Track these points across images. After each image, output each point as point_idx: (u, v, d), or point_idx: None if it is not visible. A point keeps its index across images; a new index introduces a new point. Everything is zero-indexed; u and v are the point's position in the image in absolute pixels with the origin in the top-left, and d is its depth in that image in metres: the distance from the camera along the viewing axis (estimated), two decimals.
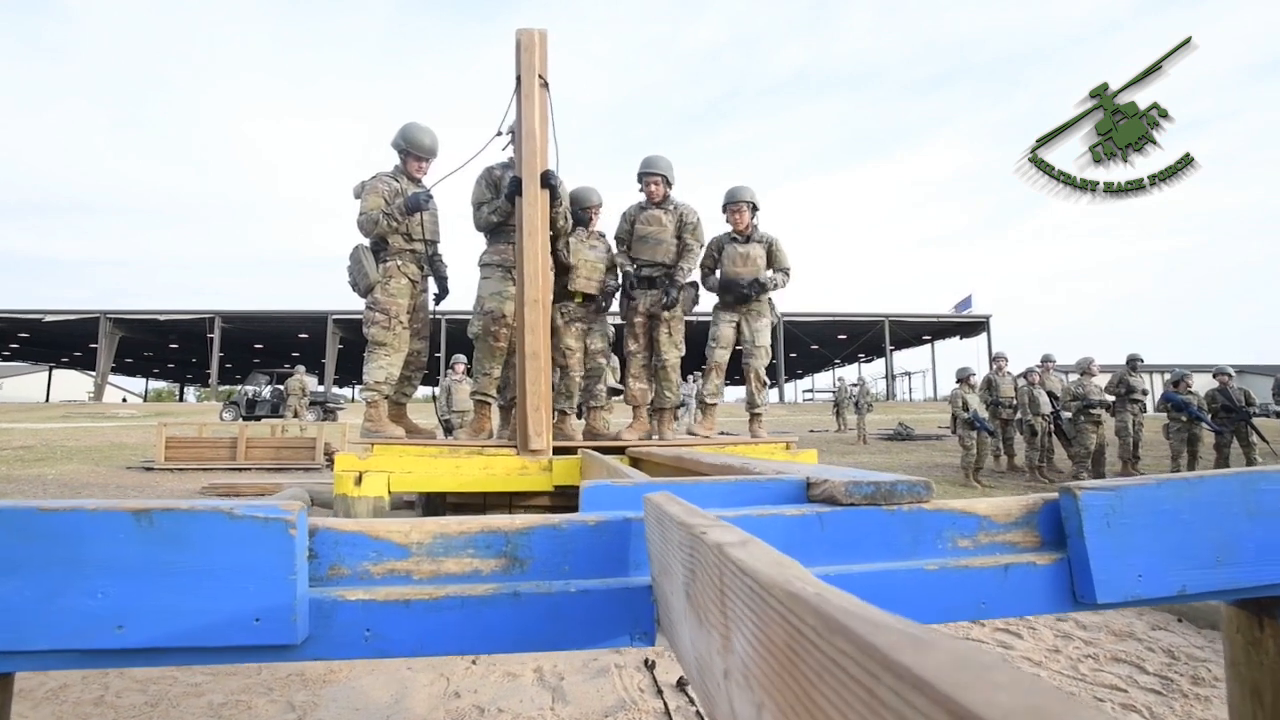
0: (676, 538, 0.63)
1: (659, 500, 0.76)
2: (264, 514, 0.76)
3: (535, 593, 0.82)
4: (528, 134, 2.82)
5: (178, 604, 0.74)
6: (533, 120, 2.80)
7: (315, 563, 0.84)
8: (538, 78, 2.76)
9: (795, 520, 0.94)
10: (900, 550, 0.96)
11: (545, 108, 2.88)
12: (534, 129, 2.83)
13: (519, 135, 2.89)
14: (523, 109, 2.84)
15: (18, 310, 28.28)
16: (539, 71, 2.77)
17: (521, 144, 2.85)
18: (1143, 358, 9.08)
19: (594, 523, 0.88)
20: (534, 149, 2.80)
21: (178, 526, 0.75)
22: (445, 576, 0.85)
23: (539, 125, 2.83)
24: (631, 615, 0.84)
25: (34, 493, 6.80)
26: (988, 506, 1.00)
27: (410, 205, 3.46)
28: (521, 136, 2.85)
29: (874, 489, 0.96)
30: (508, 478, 2.94)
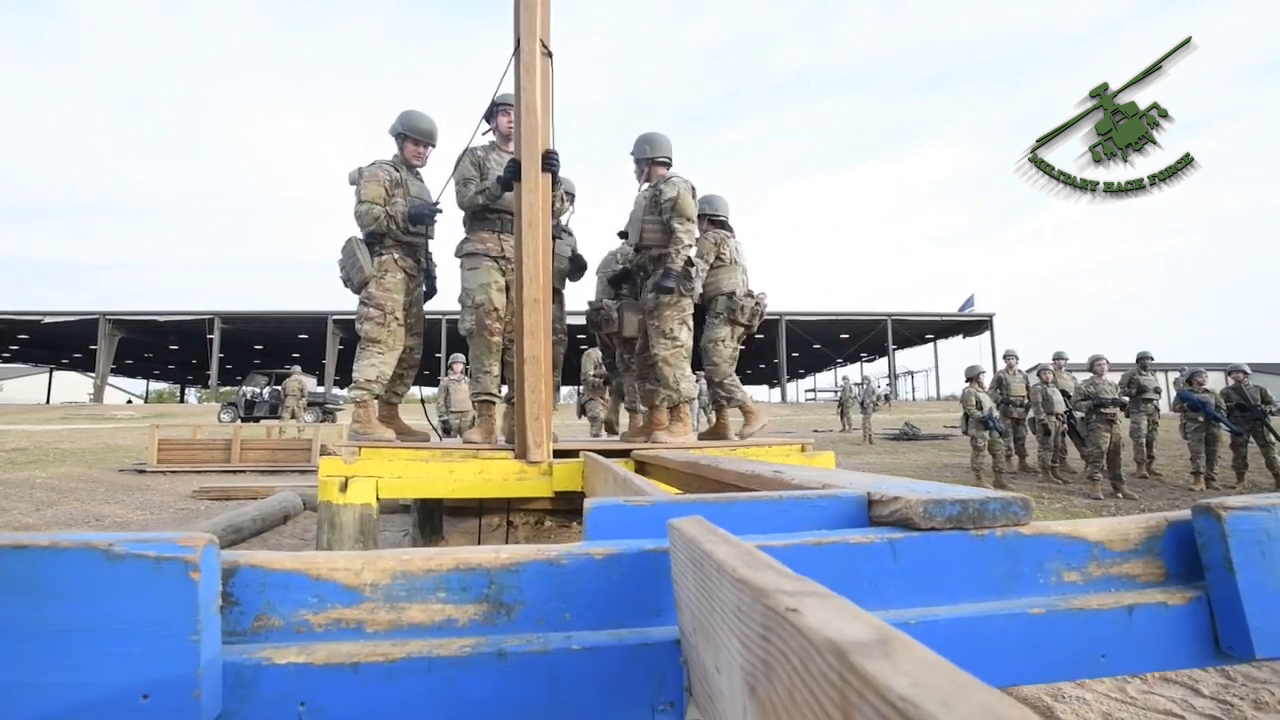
0: (730, 599, 0.42)
1: (694, 533, 0.55)
2: (155, 551, 0.56)
3: (527, 650, 0.62)
4: (527, 108, 2.46)
5: (31, 680, 0.54)
6: (533, 92, 2.44)
7: (235, 611, 0.63)
8: (539, 43, 2.42)
9: (860, 550, 0.73)
10: (994, 587, 0.76)
11: (548, 79, 2.56)
12: (534, 102, 2.44)
13: (517, 110, 2.54)
14: (522, 80, 2.47)
15: (16, 311, 28.13)
16: (540, 35, 2.42)
17: (521, 120, 2.50)
18: (1152, 356, 8.87)
19: (602, 556, 0.67)
20: (534, 126, 2.45)
21: (33, 571, 0.54)
22: (408, 629, 0.64)
23: (540, 98, 2.47)
24: (653, 679, 0.64)
25: (20, 497, 6.61)
26: (1099, 530, 0.79)
27: (415, 216, 3.27)
28: (520, 111, 2.50)
29: (959, 509, 0.76)
30: (505, 483, 2.73)
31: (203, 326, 28.85)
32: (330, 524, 2.68)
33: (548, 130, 2.58)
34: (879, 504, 0.82)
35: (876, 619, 0.30)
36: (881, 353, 37.23)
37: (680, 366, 3.44)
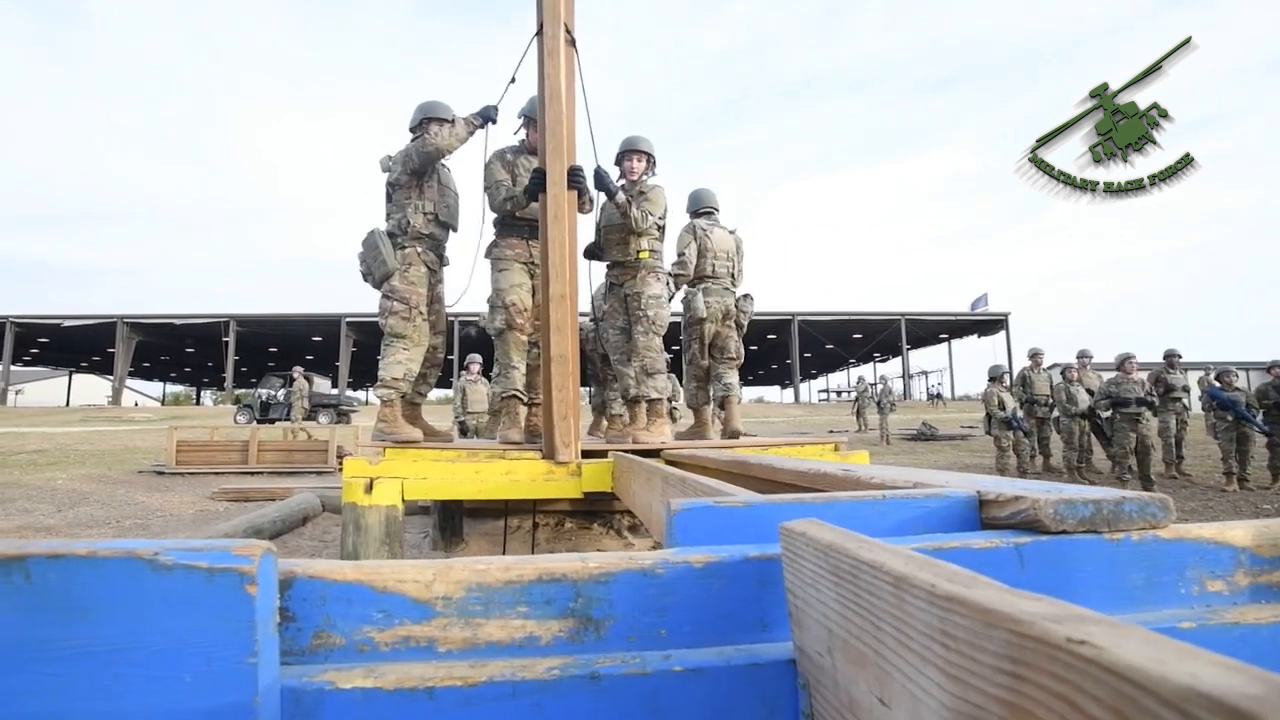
0: (925, 619, 0.34)
1: (831, 539, 0.47)
2: (207, 562, 0.48)
3: (623, 672, 0.54)
4: (552, 96, 2.33)
5: (68, 708, 0.47)
6: (558, 80, 2.31)
7: (292, 629, 0.56)
8: (564, 28, 2.31)
9: (984, 556, 0.65)
10: (1132, 597, 0.67)
11: (573, 67, 2.44)
12: (559, 90, 2.34)
13: (541, 99, 2.42)
14: (546, 66, 2.33)
15: (37, 315, 28.53)
16: (565, 21, 2.32)
17: (544, 109, 2.39)
18: (1180, 354, 8.65)
19: (702, 564, 0.60)
20: (559, 114, 2.35)
21: (70, 583, 0.47)
22: (486, 648, 0.56)
23: (565, 87, 2.35)
24: (765, 704, 0.56)
25: (42, 498, 6.63)
26: (1248, 534, 0.70)
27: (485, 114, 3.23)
28: (544, 99, 2.38)
29: (1093, 510, 0.67)
30: (533, 484, 2.66)
31: (218, 329, 29.09)
32: (355, 526, 2.62)
33: (573, 118, 2.47)
34: (994, 504, 0.73)
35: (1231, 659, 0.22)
36: (895, 353, 36.88)
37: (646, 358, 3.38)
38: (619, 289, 3.50)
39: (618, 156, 3.59)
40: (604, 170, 3.17)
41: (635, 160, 3.52)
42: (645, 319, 3.36)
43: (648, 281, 3.41)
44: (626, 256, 3.41)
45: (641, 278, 3.41)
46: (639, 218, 3.26)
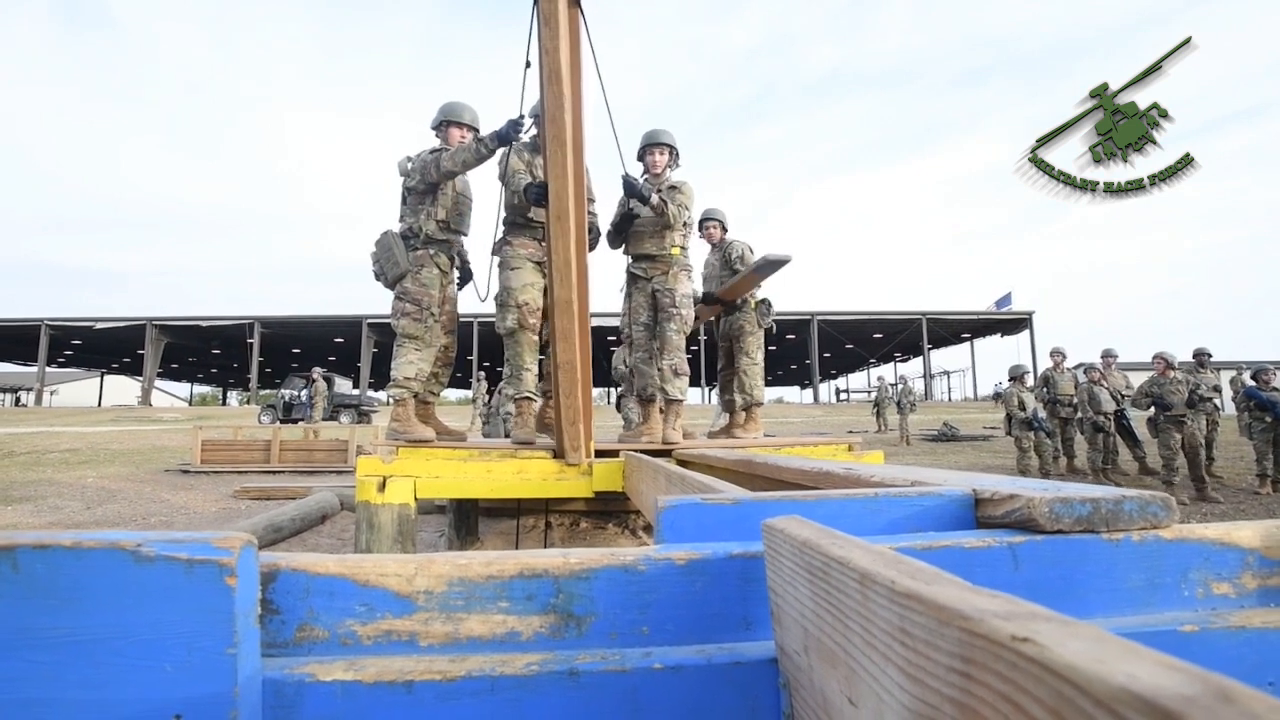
0: (887, 618, 0.33)
1: (807, 535, 0.47)
2: (187, 554, 0.49)
3: (602, 669, 0.54)
4: (550, 75, 1.92)
5: (57, 695, 0.48)
6: (557, 54, 1.87)
7: (275, 621, 0.56)
8: None
9: (977, 556, 0.64)
10: (1132, 599, 0.65)
11: (578, 35, 2.04)
12: (559, 68, 1.91)
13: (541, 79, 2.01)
14: (543, 38, 1.88)
15: (70, 319, 29.33)
16: None
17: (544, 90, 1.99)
18: (1210, 352, 8.42)
19: (684, 561, 0.59)
20: (559, 98, 1.93)
21: (56, 573, 0.48)
22: (467, 642, 0.57)
23: (567, 63, 1.93)
24: (746, 704, 0.55)
25: (73, 496, 6.81)
26: (1256, 535, 0.68)
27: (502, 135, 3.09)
28: (543, 78, 1.97)
29: (1091, 509, 0.65)
30: (544, 483, 2.67)
31: (243, 331, 29.66)
32: (368, 524, 2.65)
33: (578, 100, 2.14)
34: (989, 503, 0.72)
35: (1177, 660, 0.21)
36: (916, 352, 36.43)
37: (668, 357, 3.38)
38: (646, 283, 3.50)
39: (639, 152, 3.57)
40: (632, 178, 3.18)
41: (658, 154, 3.51)
42: (679, 317, 3.38)
43: (680, 279, 3.44)
44: (661, 250, 3.43)
45: (674, 274, 3.43)
46: (675, 214, 3.30)
